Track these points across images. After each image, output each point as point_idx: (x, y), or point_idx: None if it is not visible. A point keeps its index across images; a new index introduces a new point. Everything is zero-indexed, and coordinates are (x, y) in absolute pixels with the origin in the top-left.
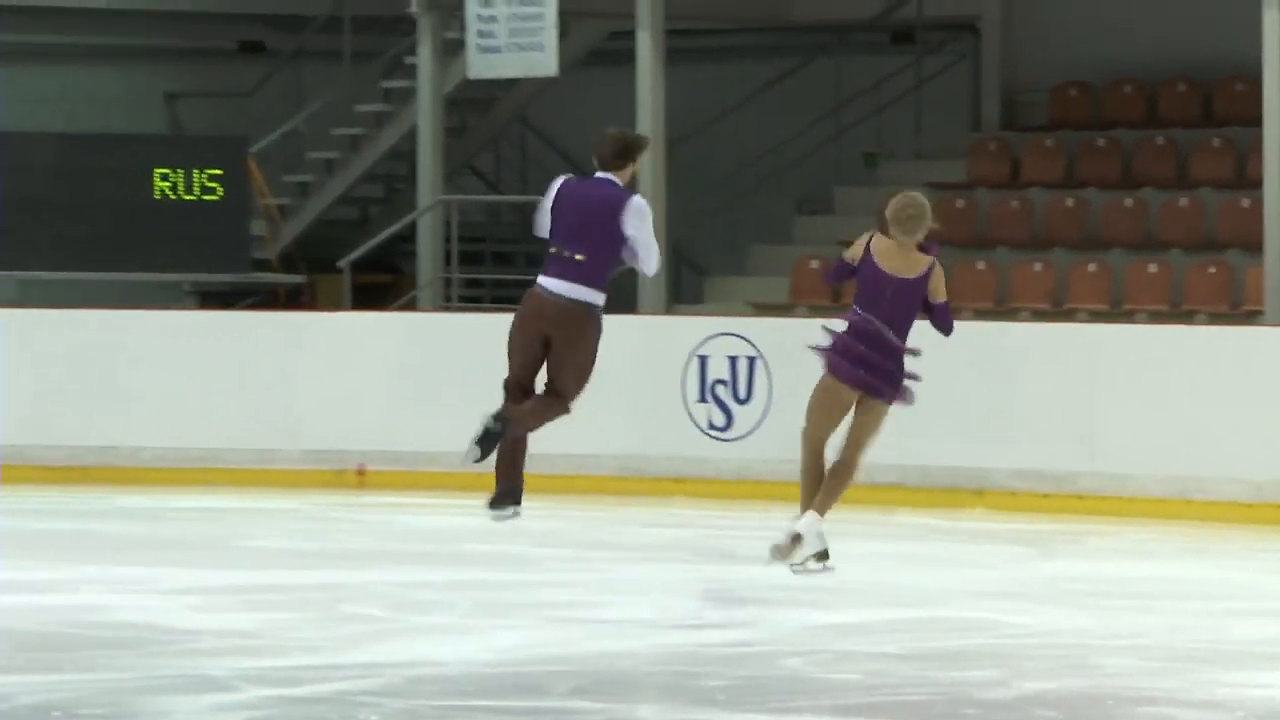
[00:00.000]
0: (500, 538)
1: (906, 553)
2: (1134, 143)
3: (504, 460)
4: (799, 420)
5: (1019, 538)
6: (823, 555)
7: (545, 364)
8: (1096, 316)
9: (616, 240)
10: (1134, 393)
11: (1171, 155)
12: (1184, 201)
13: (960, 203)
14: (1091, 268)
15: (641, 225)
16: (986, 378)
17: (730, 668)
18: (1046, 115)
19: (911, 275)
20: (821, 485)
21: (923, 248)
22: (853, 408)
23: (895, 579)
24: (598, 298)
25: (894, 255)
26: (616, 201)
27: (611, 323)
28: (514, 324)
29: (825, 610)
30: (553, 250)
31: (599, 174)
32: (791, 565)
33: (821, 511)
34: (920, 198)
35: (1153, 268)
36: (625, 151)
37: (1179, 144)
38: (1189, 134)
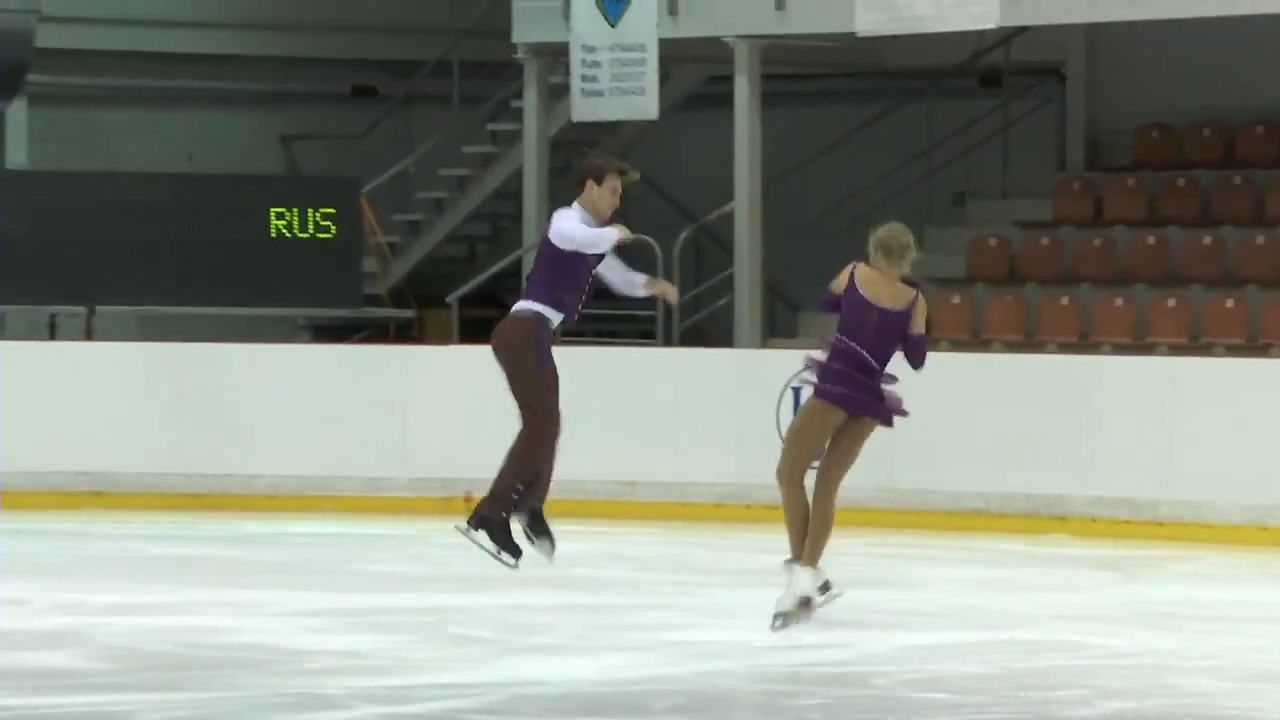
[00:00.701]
0: (604, 563)
1: (991, 577)
2: (1213, 183)
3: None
4: (888, 448)
5: (1100, 562)
6: (824, 587)
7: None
8: (1175, 350)
9: (545, 252)
10: (1211, 423)
11: (1249, 195)
12: (1260, 239)
13: (1045, 240)
14: (1171, 303)
15: (553, 226)
16: (1068, 408)
17: (824, 688)
18: (1129, 156)
19: (896, 307)
20: (808, 535)
21: (911, 282)
22: (828, 441)
23: (981, 602)
24: (531, 308)
25: (878, 284)
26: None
27: (708, 357)
28: None
29: (915, 632)
30: None
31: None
32: (774, 623)
33: (814, 563)
34: (905, 231)
35: (1230, 303)
36: (578, 178)
37: (1256, 184)
38: (1266, 174)
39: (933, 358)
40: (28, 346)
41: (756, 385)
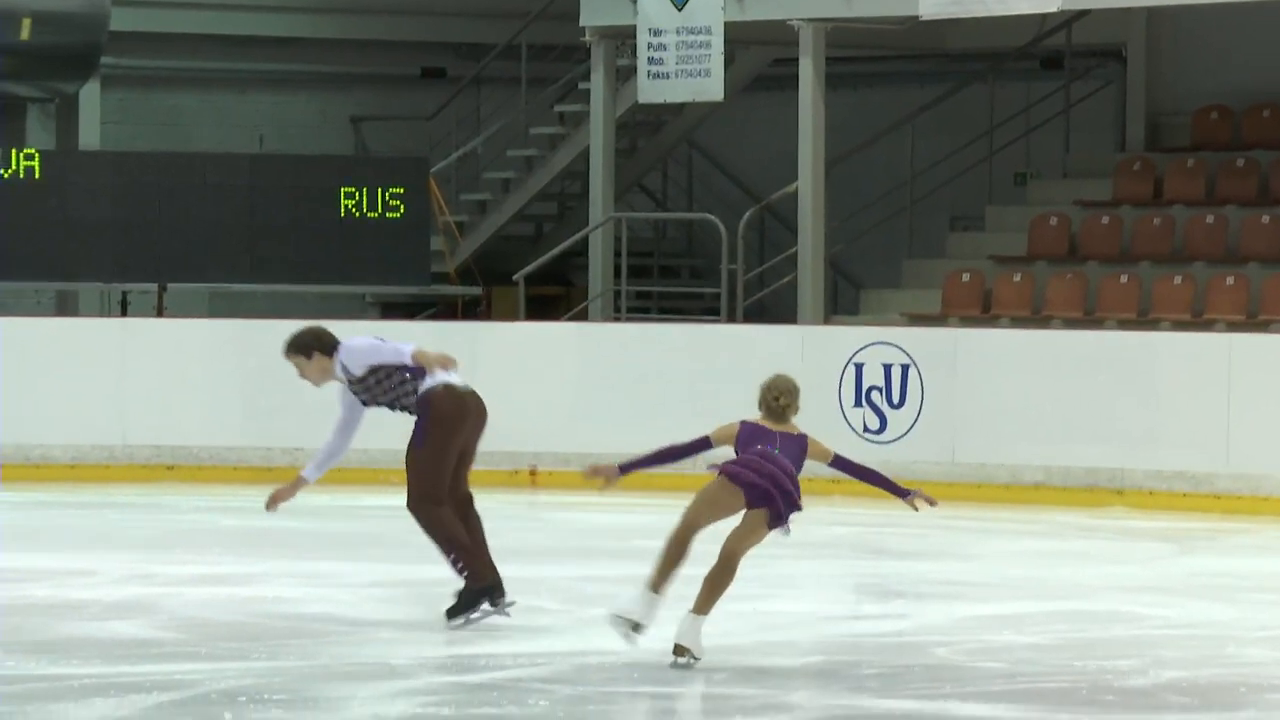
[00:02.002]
0: (667, 534)
1: (1050, 549)
2: (1271, 163)
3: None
4: (950, 423)
5: (1158, 535)
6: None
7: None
8: (1233, 327)
9: (375, 372)
10: (1268, 398)
11: None
12: None
13: (1105, 219)
14: (1229, 280)
15: (361, 360)
16: (1128, 384)
17: (883, 656)
18: (1188, 137)
19: (794, 433)
20: (705, 584)
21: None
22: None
23: (1039, 573)
24: (425, 384)
25: (771, 425)
26: (343, 363)
27: (773, 333)
28: (455, 425)
29: (974, 603)
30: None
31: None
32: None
33: (705, 612)
34: (792, 382)
35: None
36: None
37: None
38: None
39: (993, 334)
40: (101, 324)
41: (819, 361)
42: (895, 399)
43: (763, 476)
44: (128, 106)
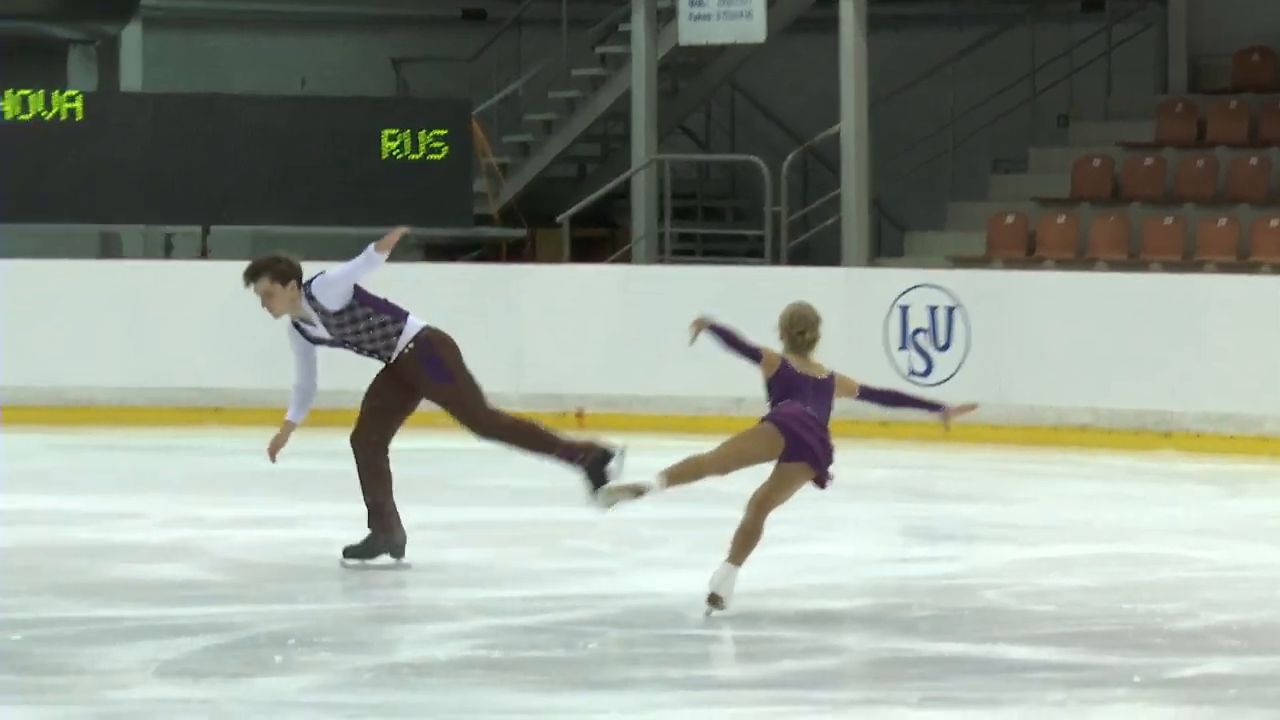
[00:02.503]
0: (730, 477)
1: (1098, 492)
2: None
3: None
4: (996, 366)
5: (1206, 477)
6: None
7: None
8: (1278, 269)
9: (351, 306)
10: None
11: None
12: None
13: (1148, 161)
14: (1274, 222)
15: (339, 290)
16: (1173, 327)
17: (932, 599)
18: (1230, 79)
19: (822, 376)
20: (739, 537)
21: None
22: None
23: (1088, 516)
24: (412, 327)
25: (799, 363)
26: (314, 296)
27: (817, 275)
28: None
29: (1023, 546)
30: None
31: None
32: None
33: (739, 563)
34: (813, 311)
35: None
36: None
37: None
38: None
39: (1038, 276)
40: (145, 266)
41: (863, 303)
42: (941, 341)
43: (809, 432)
44: (169, 48)
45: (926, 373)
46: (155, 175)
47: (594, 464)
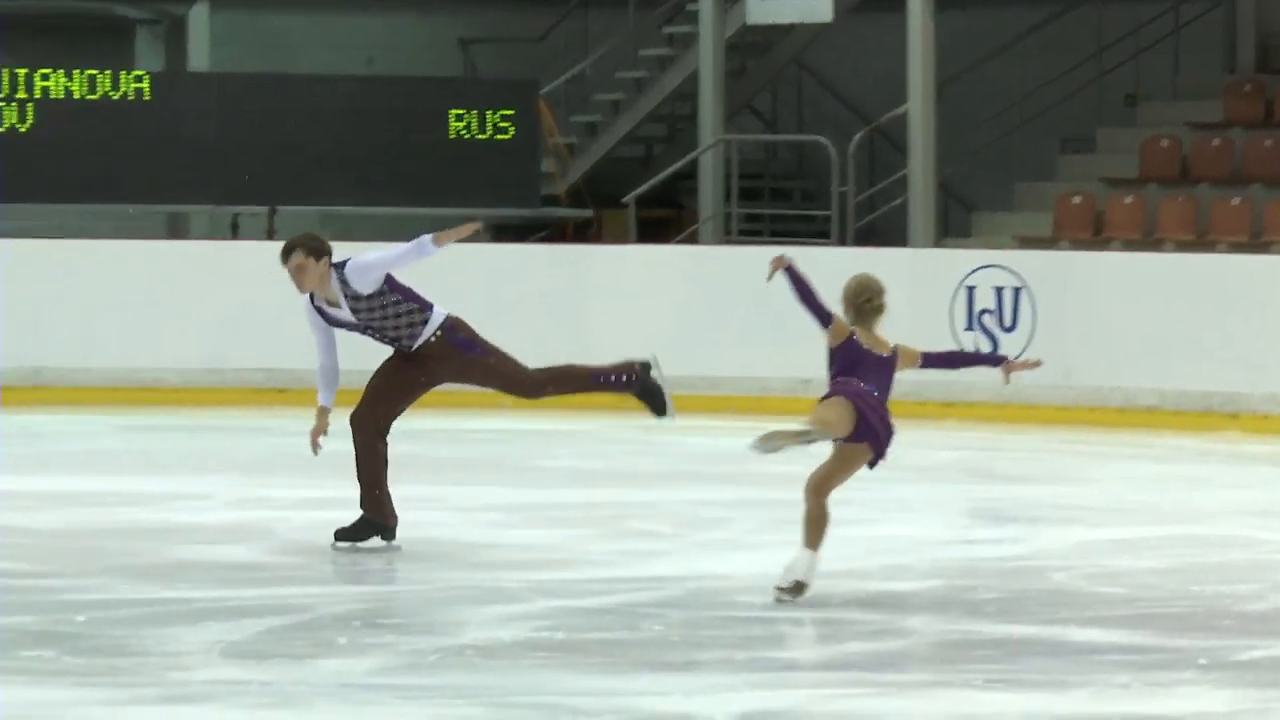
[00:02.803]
0: (784, 459)
1: (1167, 473)
2: None
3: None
4: (1062, 347)
5: (1274, 459)
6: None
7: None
8: None
9: (382, 291)
10: None
11: None
12: None
13: (1216, 141)
14: None
15: (374, 275)
16: (1240, 307)
17: (1000, 581)
18: None
19: (885, 353)
20: (808, 525)
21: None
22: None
23: (1156, 497)
24: (437, 316)
25: (865, 338)
26: (346, 279)
27: (884, 256)
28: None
29: (1091, 527)
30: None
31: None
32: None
33: (815, 547)
34: (878, 281)
35: None
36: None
37: None
38: None
39: (1106, 257)
40: (211, 246)
41: (931, 284)
42: (1007, 322)
43: (873, 412)
44: (236, 28)
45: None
46: (222, 155)
47: (641, 380)
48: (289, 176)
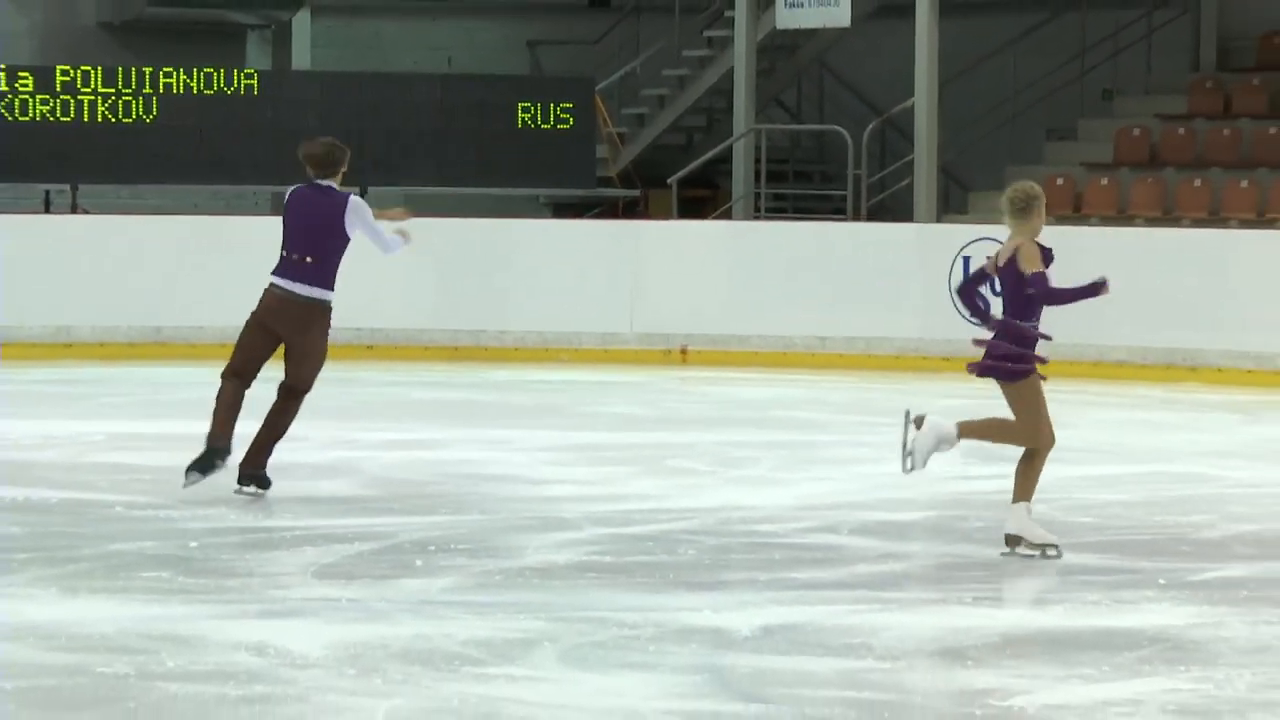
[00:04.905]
0: (802, 406)
1: (1134, 418)
2: None
3: (257, 447)
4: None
5: (1228, 406)
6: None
7: (285, 360)
8: None
9: (341, 242)
10: None
11: None
12: None
13: (1181, 131)
14: None
15: (362, 221)
16: (1201, 274)
17: (988, 511)
18: (1254, 59)
19: (1002, 263)
20: (1021, 476)
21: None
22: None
23: (1126, 439)
24: (328, 295)
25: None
26: (336, 207)
27: (892, 230)
28: (251, 319)
29: (1069, 465)
30: (285, 254)
31: (318, 181)
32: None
33: (1025, 499)
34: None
35: None
36: (331, 161)
37: None
38: None
39: (1084, 231)
40: None
41: (933, 254)
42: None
43: (1006, 359)
44: (334, 32)
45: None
46: None
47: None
48: (379, 161)
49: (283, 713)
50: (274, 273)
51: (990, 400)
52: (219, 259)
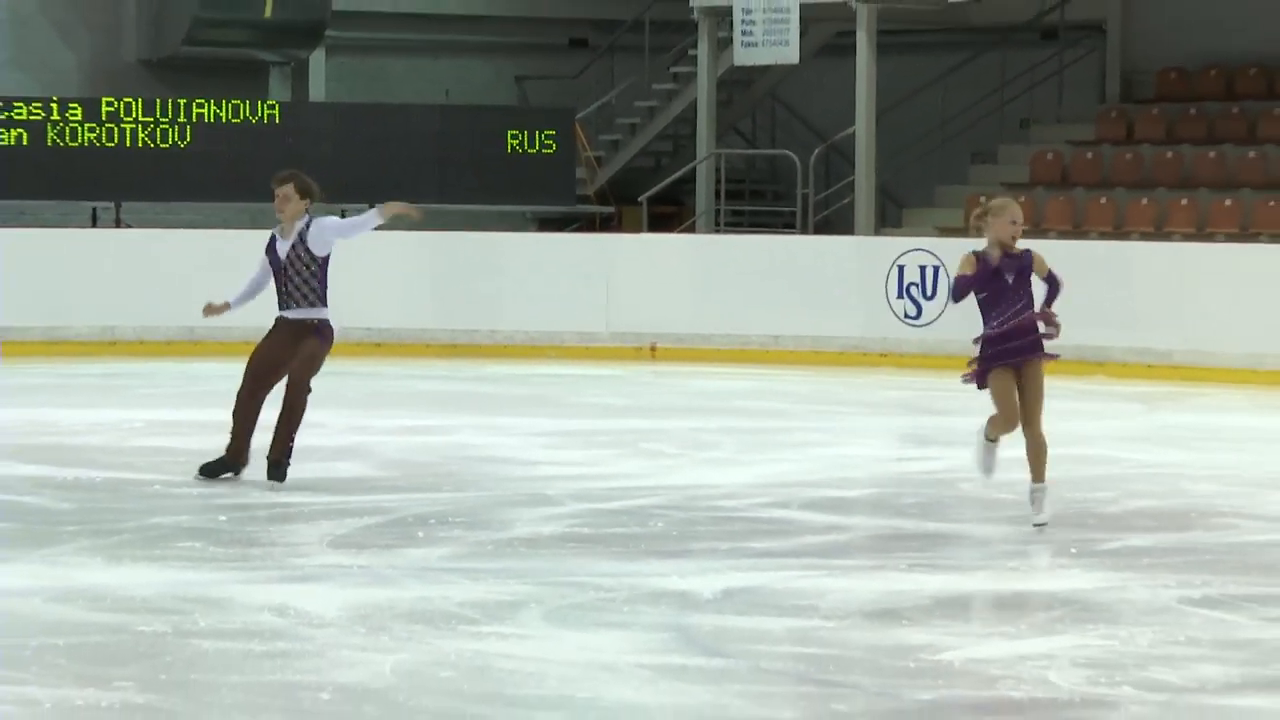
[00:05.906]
0: (760, 396)
1: (1051, 407)
2: (1217, 112)
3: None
4: (970, 313)
5: (1132, 397)
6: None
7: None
8: (1187, 238)
9: (317, 265)
10: (1215, 291)
11: (1245, 121)
12: (1252, 154)
13: (1089, 155)
14: (1184, 202)
15: (327, 238)
16: (1107, 282)
17: (922, 489)
18: (1153, 91)
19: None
20: (1032, 461)
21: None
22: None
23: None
24: (324, 313)
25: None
26: (300, 238)
27: (833, 243)
28: (258, 344)
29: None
30: (278, 289)
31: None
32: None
33: (1040, 479)
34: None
35: (1228, 202)
36: (282, 198)
37: (1250, 113)
38: (1258, 105)
39: None
40: None
41: (871, 264)
42: (928, 292)
43: (1018, 337)
44: (346, 69)
45: (917, 316)
46: (335, 165)
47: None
48: (385, 180)
49: (301, 666)
50: (278, 305)
51: (923, 393)
52: (245, 268)
